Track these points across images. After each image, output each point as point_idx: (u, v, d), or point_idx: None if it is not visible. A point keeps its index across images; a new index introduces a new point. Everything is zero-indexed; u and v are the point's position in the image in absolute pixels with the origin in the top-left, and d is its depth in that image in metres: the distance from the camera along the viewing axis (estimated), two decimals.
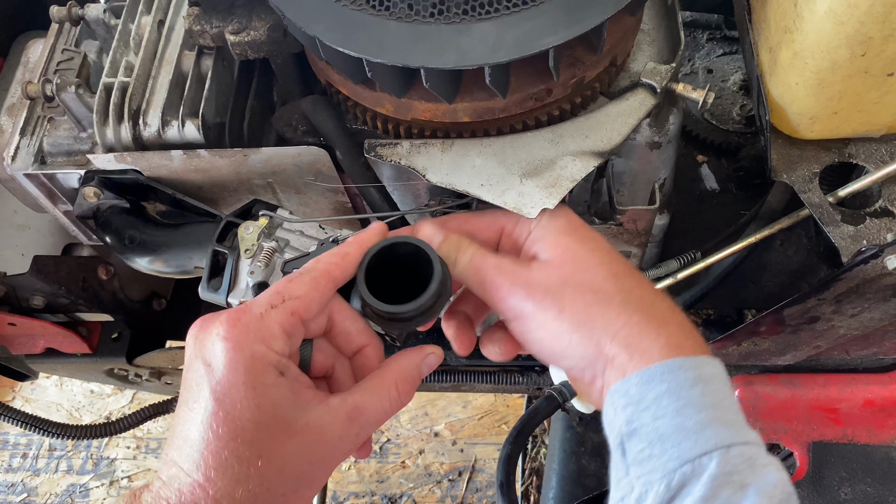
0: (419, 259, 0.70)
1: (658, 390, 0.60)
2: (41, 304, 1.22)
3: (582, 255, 0.71)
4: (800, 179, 0.95)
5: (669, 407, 0.60)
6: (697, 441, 0.58)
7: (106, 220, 1.05)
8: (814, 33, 0.80)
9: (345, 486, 2.24)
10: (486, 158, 0.91)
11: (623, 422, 0.61)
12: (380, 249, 0.70)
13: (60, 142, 1.06)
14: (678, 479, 0.57)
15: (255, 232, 0.93)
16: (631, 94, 0.94)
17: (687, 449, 0.58)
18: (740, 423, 0.62)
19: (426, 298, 0.67)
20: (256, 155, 0.97)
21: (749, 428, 0.62)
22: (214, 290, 0.95)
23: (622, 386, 0.62)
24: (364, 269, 0.69)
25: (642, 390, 0.61)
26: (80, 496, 2.30)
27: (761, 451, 0.60)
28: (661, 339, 0.63)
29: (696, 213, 1.40)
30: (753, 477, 0.57)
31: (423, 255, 0.69)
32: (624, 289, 0.67)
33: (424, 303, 0.67)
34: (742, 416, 0.63)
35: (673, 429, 0.59)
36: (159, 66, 1.02)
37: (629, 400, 0.61)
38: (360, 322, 0.70)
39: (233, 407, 0.55)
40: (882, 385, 1.21)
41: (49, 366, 1.43)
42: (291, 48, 0.98)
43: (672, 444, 0.59)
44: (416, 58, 0.80)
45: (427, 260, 0.69)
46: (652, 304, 0.67)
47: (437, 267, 0.68)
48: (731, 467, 0.57)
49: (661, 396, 0.60)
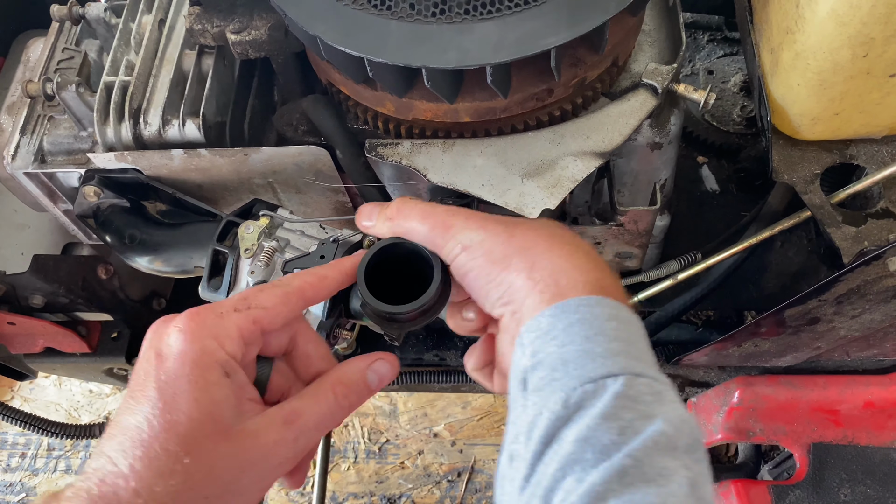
0: (419, 259, 0.70)
1: (570, 320, 0.56)
2: (41, 304, 1.21)
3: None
4: (801, 180, 0.95)
5: (579, 334, 0.55)
6: (604, 364, 0.53)
7: (106, 219, 1.04)
8: (816, 34, 0.80)
9: (344, 487, 2.24)
10: (487, 158, 0.91)
11: (528, 355, 0.56)
12: (380, 249, 0.70)
13: (61, 141, 1.06)
14: (577, 397, 0.52)
15: (256, 231, 0.93)
16: (632, 95, 0.94)
17: (591, 370, 0.53)
18: (652, 363, 0.57)
19: (426, 300, 0.67)
20: (257, 154, 0.97)
21: (661, 373, 0.56)
22: (215, 290, 0.95)
23: (534, 322, 0.57)
24: (364, 268, 0.68)
25: (553, 321, 0.56)
26: None
27: (671, 391, 0.55)
28: (584, 278, 0.59)
29: (696, 215, 1.40)
30: (661, 409, 0.52)
31: (422, 256, 0.69)
32: (567, 241, 0.63)
33: (424, 304, 0.67)
34: (654, 360, 0.58)
35: (579, 354, 0.54)
36: (160, 65, 1.02)
37: (538, 333, 0.56)
38: (323, 347, 0.68)
39: (172, 399, 0.54)
40: (882, 387, 1.21)
41: (48, 365, 1.42)
42: (292, 47, 0.97)
43: (575, 367, 0.53)
44: (418, 57, 0.80)
45: (426, 261, 0.69)
46: (590, 256, 0.62)
47: (437, 268, 0.68)
48: (637, 393, 0.52)
49: (571, 325, 0.55)
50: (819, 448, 1.23)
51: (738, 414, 1.23)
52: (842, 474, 1.22)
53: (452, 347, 1.40)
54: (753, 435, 1.24)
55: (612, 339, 0.55)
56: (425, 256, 0.68)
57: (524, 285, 0.59)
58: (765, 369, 1.25)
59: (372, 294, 0.68)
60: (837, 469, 1.23)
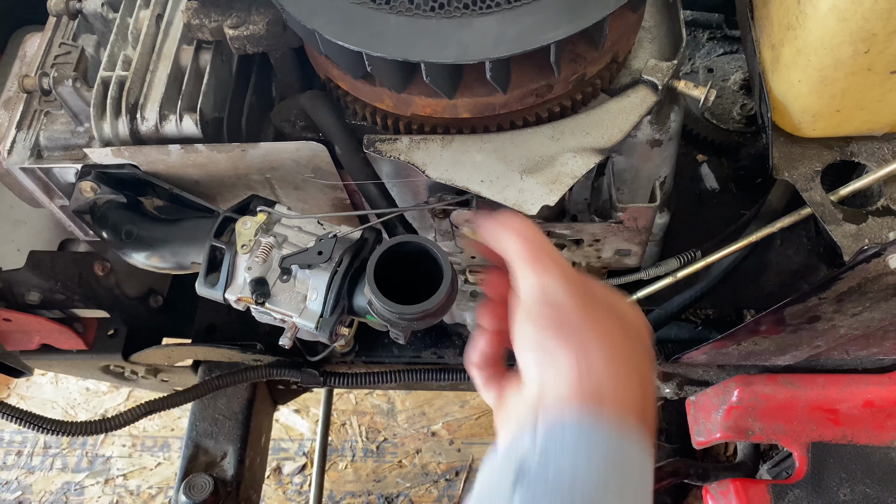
0: (427, 259, 0.70)
1: (595, 451, 0.54)
2: (37, 300, 1.21)
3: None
4: (801, 177, 0.95)
5: (597, 472, 0.53)
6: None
7: (103, 214, 1.04)
8: (817, 30, 0.80)
9: (341, 486, 2.23)
10: (486, 154, 0.90)
11: (538, 449, 0.55)
12: (388, 248, 0.69)
13: (57, 136, 1.05)
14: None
15: (253, 227, 0.92)
16: (632, 91, 0.93)
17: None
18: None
19: (435, 301, 0.66)
20: (255, 150, 0.96)
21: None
22: (212, 286, 0.94)
23: (558, 420, 0.56)
24: (373, 266, 0.68)
25: (577, 441, 0.54)
26: (75, 494, 2.29)
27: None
28: (627, 397, 0.57)
29: (695, 213, 1.39)
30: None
31: (431, 256, 0.69)
32: (636, 351, 0.62)
33: (433, 306, 0.66)
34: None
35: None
36: (157, 60, 1.01)
37: (558, 440, 0.55)
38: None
39: None
40: (882, 386, 1.21)
41: (44, 362, 1.42)
42: (291, 42, 0.97)
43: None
44: (417, 52, 0.79)
45: (435, 261, 0.68)
46: (643, 379, 0.61)
47: (447, 269, 0.67)
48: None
49: (592, 456, 0.54)
50: (818, 447, 1.23)
51: (738, 413, 1.23)
52: (841, 474, 1.22)
53: (451, 346, 1.40)
54: (752, 434, 1.24)
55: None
56: (434, 257, 0.68)
57: (567, 363, 0.57)
58: (764, 368, 1.25)
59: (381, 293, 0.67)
60: (837, 468, 1.22)
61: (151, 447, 2.36)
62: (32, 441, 2.39)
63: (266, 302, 0.93)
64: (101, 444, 2.37)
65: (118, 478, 2.31)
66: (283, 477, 2.26)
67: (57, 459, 2.36)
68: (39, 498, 2.29)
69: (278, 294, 0.94)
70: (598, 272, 1.13)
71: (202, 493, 1.25)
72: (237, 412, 1.37)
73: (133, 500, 2.27)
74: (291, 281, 0.94)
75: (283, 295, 0.94)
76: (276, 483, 2.25)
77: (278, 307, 0.94)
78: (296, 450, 2.31)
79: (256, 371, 1.29)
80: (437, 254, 0.67)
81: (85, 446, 2.37)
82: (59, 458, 2.36)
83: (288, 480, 2.25)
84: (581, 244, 1.05)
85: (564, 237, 1.03)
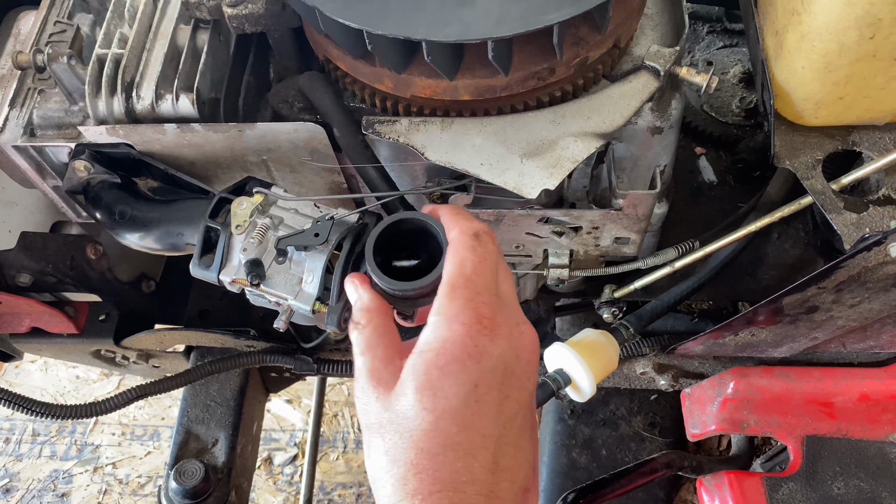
0: (426, 234, 0.69)
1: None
2: (28, 282, 1.19)
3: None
4: (803, 166, 0.94)
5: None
6: None
7: (96, 194, 1.03)
8: (822, 14, 0.79)
9: (332, 477, 2.22)
10: (486, 137, 0.89)
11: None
12: (388, 225, 0.68)
13: (51, 114, 1.03)
14: None
15: (249, 208, 0.91)
16: (634, 77, 0.93)
17: None
18: None
19: (436, 275, 0.65)
20: (252, 130, 0.95)
21: None
22: (206, 267, 0.93)
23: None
24: (372, 245, 0.67)
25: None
26: (64, 482, 2.27)
27: None
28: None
29: (693, 205, 1.39)
30: None
31: (430, 232, 0.68)
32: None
33: (432, 281, 0.65)
34: None
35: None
36: (154, 38, 1.00)
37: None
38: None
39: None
40: (877, 380, 1.21)
41: (34, 346, 1.40)
42: (290, 22, 0.96)
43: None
44: (419, 30, 0.78)
45: (434, 235, 0.67)
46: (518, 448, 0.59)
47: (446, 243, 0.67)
48: None
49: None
50: (813, 441, 1.23)
51: (733, 405, 1.22)
52: (835, 467, 1.22)
53: None
54: (747, 426, 1.24)
55: None
56: (434, 232, 0.67)
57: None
58: (760, 360, 1.24)
59: (381, 271, 0.67)
60: (831, 462, 1.22)
61: (141, 436, 2.34)
62: (21, 428, 2.37)
63: (261, 284, 0.92)
64: (91, 433, 2.35)
65: (107, 466, 2.30)
66: (274, 467, 2.25)
67: (45, 447, 2.34)
68: (27, 485, 2.27)
69: (274, 276, 0.93)
70: (596, 260, 1.13)
71: (193, 479, 1.23)
72: (229, 399, 1.36)
73: (122, 489, 2.26)
74: (287, 263, 0.93)
75: (279, 277, 0.93)
76: (266, 474, 2.24)
77: (273, 289, 0.93)
78: (287, 440, 2.29)
79: (249, 357, 1.28)
80: (436, 229, 0.66)
81: (74, 434, 2.35)
82: (48, 445, 2.34)
83: (279, 471, 2.24)
84: (580, 231, 1.04)
85: (563, 224, 1.03)
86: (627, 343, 1.20)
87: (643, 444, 1.83)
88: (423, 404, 0.56)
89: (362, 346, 0.64)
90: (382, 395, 0.60)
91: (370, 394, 0.61)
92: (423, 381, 0.57)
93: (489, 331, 0.59)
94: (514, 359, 0.60)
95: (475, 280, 0.61)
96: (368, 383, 0.61)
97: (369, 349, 0.63)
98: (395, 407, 0.58)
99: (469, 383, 0.57)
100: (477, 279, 0.61)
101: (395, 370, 0.60)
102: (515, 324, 0.62)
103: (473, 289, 0.61)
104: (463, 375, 0.57)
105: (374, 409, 0.60)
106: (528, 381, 0.62)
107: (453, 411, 0.56)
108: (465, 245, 0.63)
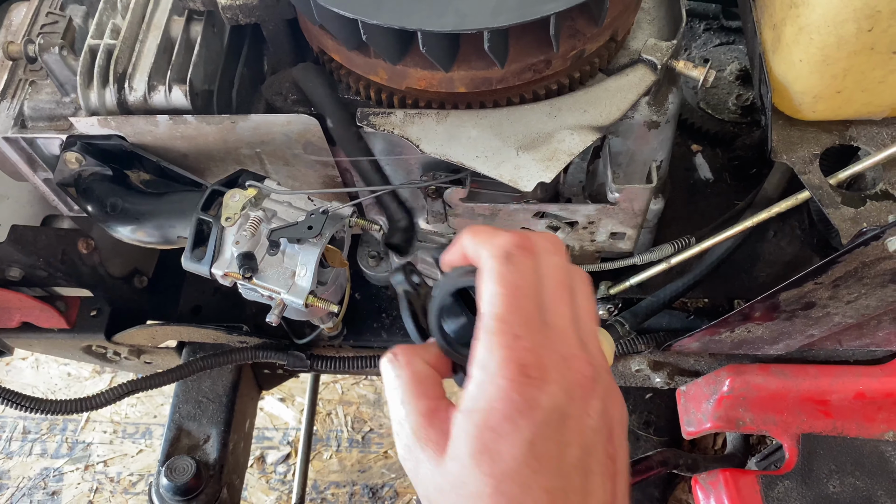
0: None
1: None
2: (18, 276, 1.18)
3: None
4: (800, 161, 0.94)
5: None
6: None
7: (88, 187, 1.02)
8: (821, 7, 0.79)
9: (326, 476, 2.21)
10: (482, 130, 0.89)
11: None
12: (452, 292, 0.64)
13: (42, 106, 1.02)
14: None
15: (242, 200, 0.90)
16: (631, 70, 0.92)
17: None
18: None
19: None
20: (245, 122, 0.94)
21: None
22: (198, 260, 0.92)
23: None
24: (437, 311, 0.63)
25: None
26: (54, 480, 2.26)
27: None
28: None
29: (689, 203, 1.38)
30: None
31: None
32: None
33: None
34: None
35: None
36: (147, 30, 0.99)
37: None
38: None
39: None
40: (873, 378, 1.20)
41: (25, 341, 1.39)
42: (284, 14, 0.95)
43: None
44: (414, 20, 0.77)
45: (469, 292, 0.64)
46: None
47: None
48: None
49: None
50: (808, 439, 1.22)
51: (728, 402, 1.22)
52: (831, 465, 1.21)
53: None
54: (743, 424, 1.23)
55: None
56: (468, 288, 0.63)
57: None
58: (756, 358, 1.24)
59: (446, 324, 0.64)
60: (826, 460, 1.21)
61: (133, 434, 2.32)
62: (11, 426, 2.35)
63: (253, 277, 0.91)
64: (82, 430, 2.34)
65: (98, 464, 2.28)
66: (266, 466, 2.24)
67: (36, 445, 2.32)
68: (17, 483, 2.26)
69: (266, 269, 0.92)
70: (592, 256, 1.12)
71: (184, 475, 1.22)
72: (221, 395, 1.35)
73: (113, 487, 2.24)
74: (280, 256, 0.92)
75: (271, 270, 0.92)
76: (259, 472, 2.22)
77: (266, 283, 0.92)
78: (280, 439, 2.28)
79: (242, 353, 1.27)
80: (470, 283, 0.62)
81: (65, 432, 2.33)
82: (39, 443, 2.32)
83: (272, 469, 2.23)
84: (576, 226, 1.04)
85: (559, 219, 1.02)
86: (622, 340, 1.19)
87: (638, 442, 1.82)
88: (482, 469, 0.54)
89: (402, 394, 0.60)
90: (433, 458, 0.56)
91: (419, 455, 0.57)
92: (477, 446, 0.54)
93: (537, 380, 0.54)
94: (567, 402, 0.55)
95: (510, 320, 0.55)
96: (417, 444, 0.58)
97: (411, 398, 0.59)
98: (450, 471, 0.55)
99: (524, 442, 0.54)
100: (512, 318, 0.56)
101: (442, 429, 0.57)
102: (563, 359, 0.56)
103: (511, 333, 0.55)
104: (516, 435, 0.54)
105: (425, 472, 0.57)
106: (587, 418, 0.58)
107: (513, 473, 0.53)
108: (494, 276, 0.57)
